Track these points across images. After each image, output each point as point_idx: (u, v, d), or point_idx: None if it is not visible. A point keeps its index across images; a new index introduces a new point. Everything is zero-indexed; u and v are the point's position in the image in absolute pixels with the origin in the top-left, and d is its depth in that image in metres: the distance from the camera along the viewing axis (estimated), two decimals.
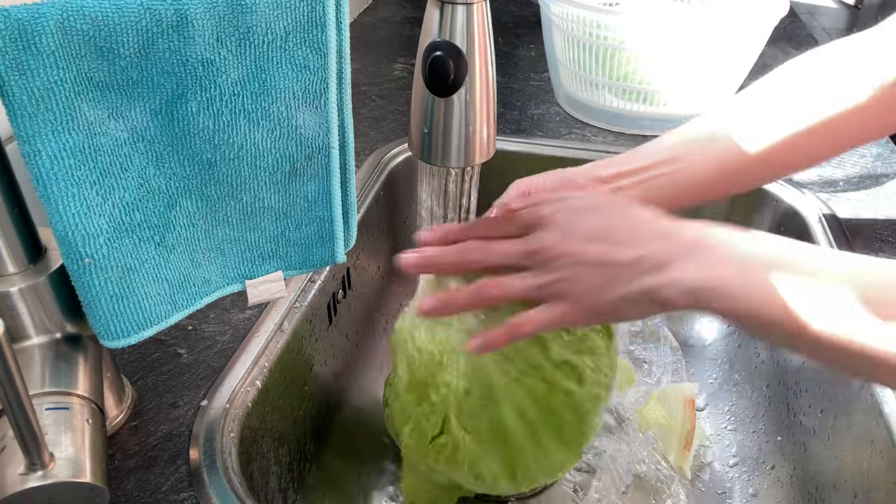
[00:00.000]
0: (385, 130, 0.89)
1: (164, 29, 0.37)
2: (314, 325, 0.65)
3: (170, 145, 0.41)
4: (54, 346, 0.44)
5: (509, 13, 1.27)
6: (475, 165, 0.53)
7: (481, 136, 0.50)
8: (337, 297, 0.70)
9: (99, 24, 0.35)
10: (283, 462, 0.60)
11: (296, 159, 0.45)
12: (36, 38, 0.33)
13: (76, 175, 0.38)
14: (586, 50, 0.84)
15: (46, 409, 0.40)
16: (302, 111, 0.44)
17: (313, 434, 0.66)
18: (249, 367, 0.55)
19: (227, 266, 0.48)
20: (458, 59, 0.46)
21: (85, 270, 0.40)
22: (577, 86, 0.90)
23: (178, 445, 0.50)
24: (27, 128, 0.35)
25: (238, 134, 0.43)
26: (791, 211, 0.77)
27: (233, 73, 0.40)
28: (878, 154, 0.86)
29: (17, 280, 0.41)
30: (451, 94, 0.47)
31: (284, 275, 0.50)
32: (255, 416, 0.54)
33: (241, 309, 0.61)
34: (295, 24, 0.40)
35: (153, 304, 0.44)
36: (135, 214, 0.41)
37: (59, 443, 0.39)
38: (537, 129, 0.90)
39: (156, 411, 0.52)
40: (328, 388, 0.69)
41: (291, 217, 0.48)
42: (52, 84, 0.35)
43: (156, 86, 0.39)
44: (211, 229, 0.46)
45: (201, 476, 0.47)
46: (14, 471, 0.36)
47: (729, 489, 0.68)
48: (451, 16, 0.45)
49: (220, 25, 0.39)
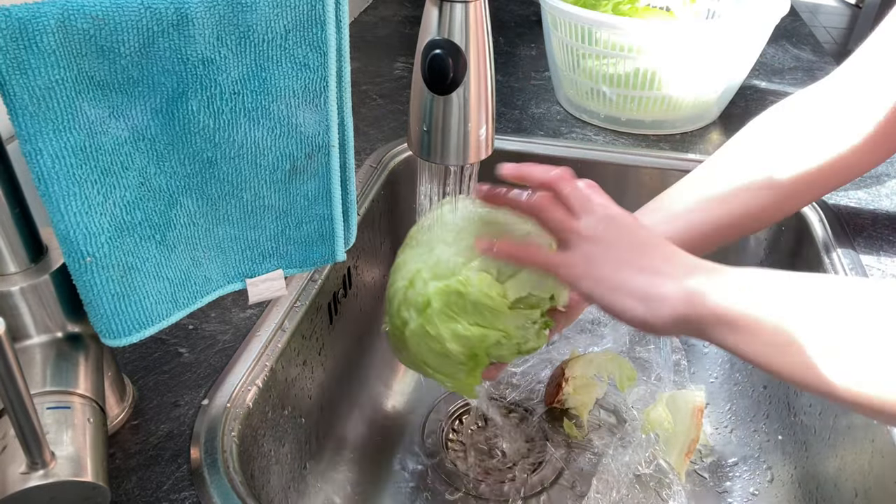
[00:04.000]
0: (385, 129, 0.89)
1: (165, 28, 0.37)
2: (315, 324, 0.65)
3: (170, 144, 0.41)
4: (55, 346, 0.44)
5: (510, 12, 1.27)
6: (474, 163, 0.53)
7: (480, 135, 0.50)
8: (338, 296, 0.70)
9: (99, 22, 0.35)
10: (284, 461, 0.60)
11: (296, 158, 0.45)
12: (37, 36, 0.33)
13: (77, 174, 0.38)
14: (586, 50, 0.84)
15: (48, 408, 0.40)
16: (302, 110, 0.44)
17: (314, 433, 0.66)
18: (250, 366, 0.55)
19: (227, 264, 0.48)
20: (456, 57, 0.46)
21: (86, 269, 0.40)
22: (577, 85, 0.90)
23: (179, 444, 0.50)
24: (28, 127, 0.35)
25: (238, 132, 0.43)
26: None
27: (233, 71, 0.40)
28: None
29: (19, 279, 0.42)
30: (450, 93, 0.47)
31: (285, 273, 0.50)
32: (256, 415, 0.54)
33: (241, 308, 0.61)
34: (295, 22, 0.40)
35: (154, 303, 0.44)
36: (136, 213, 0.41)
37: (61, 442, 0.39)
38: (538, 128, 0.90)
39: (157, 410, 0.52)
40: (329, 386, 0.69)
41: (292, 215, 0.48)
42: (53, 83, 0.35)
43: (156, 84, 0.39)
44: (211, 228, 0.46)
45: (202, 475, 0.47)
46: (15, 470, 0.36)
47: (729, 488, 0.68)
48: (449, 14, 0.45)
49: (221, 24, 0.39)
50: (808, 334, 0.40)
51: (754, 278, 0.43)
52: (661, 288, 0.44)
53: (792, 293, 0.42)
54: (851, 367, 0.38)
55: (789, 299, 0.41)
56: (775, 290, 0.42)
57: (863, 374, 0.38)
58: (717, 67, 0.84)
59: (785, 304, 0.41)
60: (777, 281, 0.43)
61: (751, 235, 0.82)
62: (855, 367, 0.38)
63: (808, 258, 0.72)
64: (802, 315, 0.40)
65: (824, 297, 0.41)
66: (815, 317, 0.40)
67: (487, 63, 0.48)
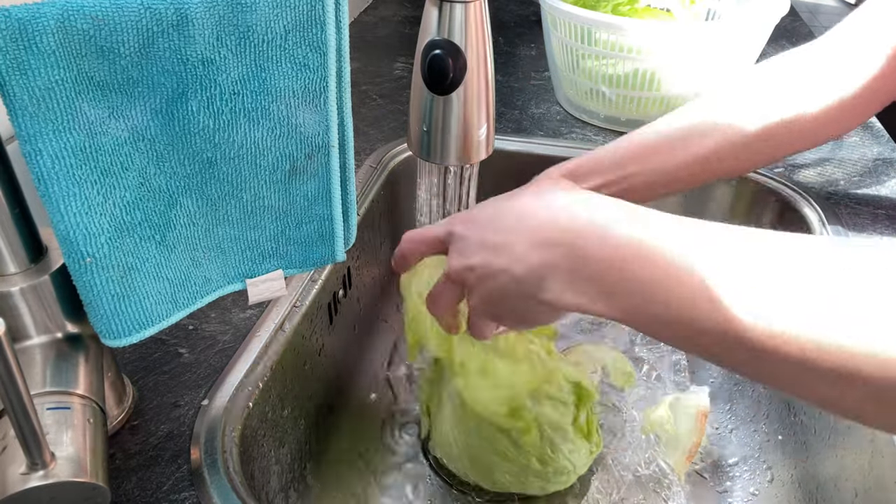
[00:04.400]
0: (385, 130, 0.89)
1: (165, 28, 0.37)
2: (315, 324, 0.65)
3: (170, 144, 0.41)
4: (55, 346, 0.44)
5: (510, 12, 1.27)
6: (474, 164, 0.53)
7: (480, 135, 0.50)
8: (338, 297, 0.70)
9: (99, 23, 0.35)
10: (284, 462, 0.60)
11: (296, 158, 0.45)
12: (36, 37, 0.33)
13: (77, 174, 0.38)
14: (586, 50, 0.84)
15: (48, 408, 0.40)
16: (302, 110, 0.44)
17: (314, 434, 0.66)
18: (250, 366, 0.55)
19: (227, 265, 0.48)
20: (456, 57, 0.46)
21: (86, 270, 0.40)
22: (576, 86, 0.90)
23: (179, 445, 0.50)
24: (28, 127, 0.35)
25: (238, 133, 0.43)
26: (791, 210, 0.77)
27: (233, 71, 0.40)
28: (879, 153, 0.86)
29: (19, 280, 0.42)
30: (449, 93, 0.47)
31: (285, 273, 0.50)
32: (256, 415, 0.54)
33: (241, 308, 0.61)
34: (294, 22, 0.40)
35: (154, 303, 0.44)
36: (135, 213, 0.41)
37: (61, 442, 0.39)
38: (538, 128, 0.90)
39: (157, 411, 0.52)
40: (329, 387, 0.69)
41: (291, 216, 0.48)
42: (53, 83, 0.35)
43: (156, 85, 0.39)
44: (211, 228, 0.46)
45: (202, 475, 0.47)
46: (15, 470, 0.36)
47: (729, 488, 0.68)
48: (449, 14, 0.45)
49: (220, 24, 0.39)
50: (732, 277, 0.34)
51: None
52: (548, 305, 0.39)
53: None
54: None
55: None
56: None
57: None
58: (717, 68, 0.84)
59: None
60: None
61: None
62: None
63: None
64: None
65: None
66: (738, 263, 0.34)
67: (487, 63, 0.48)
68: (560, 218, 0.39)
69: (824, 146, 0.87)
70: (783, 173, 0.81)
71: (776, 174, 0.81)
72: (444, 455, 0.65)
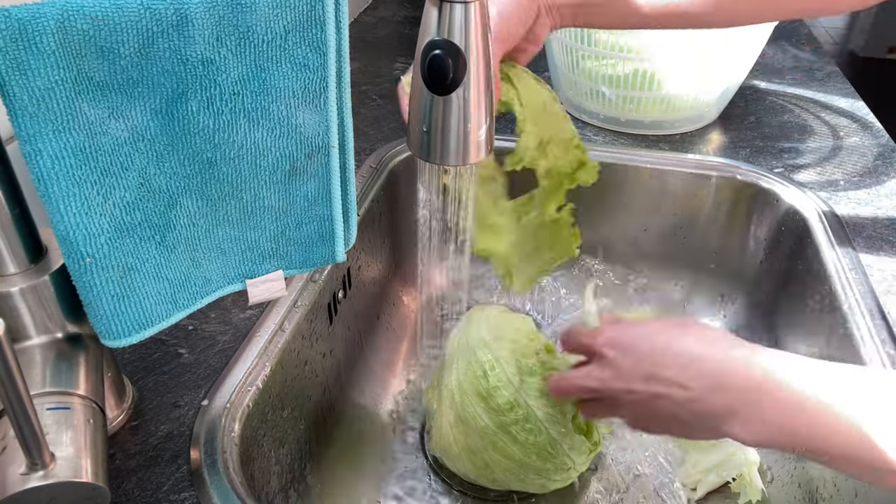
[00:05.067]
0: (385, 130, 0.89)
1: (165, 28, 0.37)
2: (315, 324, 0.65)
3: (170, 145, 0.41)
4: (55, 346, 0.44)
5: None
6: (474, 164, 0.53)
7: (480, 135, 0.50)
8: (337, 297, 0.70)
9: (99, 23, 0.35)
10: (284, 462, 0.60)
11: (296, 158, 0.45)
12: (36, 37, 0.33)
13: (77, 175, 0.38)
14: (585, 51, 0.84)
15: (47, 408, 0.40)
16: (302, 110, 0.44)
17: (314, 434, 0.66)
18: (250, 366, 0.55)
19: (227, 265, 0.48)
20: (456, 57, 0.46)
21: (86, 270, 0.40)
22: (576, 86, 0.90)
23: (179, 445, 0.50)
24: (28, 127, 0.35)
25: (238, 133, 0.43)
26: (791, 210, 0.77)
27: (233, 72, 0.40)
28: (879, 153, 0.86)
29: (18, 280, 0.42)
30: (449, 93, 0.47)
31: (285, 274, 0.50)
32: (256, 415, 0.54)
33: (241, 308, 0.61)
34: (294, 22, 0.40)
35: (154, 304, 0.44)
36: (135, 214, 0.41)
37: (60, 443, 0.39)
38: None
39: (156, 411, 0.52)
40: (329, 387, 0.69)
41: (292, 216, 0.48)
42: (53, 84, 0.35)
43: (156, 85, 0.39)
44: (211, 228, 0.46)
45: (202, 476, 0.47)
46: (15, 471, 0.36)
47: None
48: (449, 14, 0.45)
49: (220, 24, 0.39)
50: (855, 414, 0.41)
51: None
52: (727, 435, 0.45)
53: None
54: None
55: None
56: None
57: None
58: (717, 68, 0.84)
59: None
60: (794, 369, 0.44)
61: (750, 237, 0.82)
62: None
63: (808, 258, 0.72)
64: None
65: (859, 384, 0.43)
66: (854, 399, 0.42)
67: (487, 63, 0.48)
68: (733, 368, 0.45)
69: (825, 146, 0.87)
70: (783, 173, 0.81)
71: (776, 174, 0.81)
72: (444, 455, 0.65)
